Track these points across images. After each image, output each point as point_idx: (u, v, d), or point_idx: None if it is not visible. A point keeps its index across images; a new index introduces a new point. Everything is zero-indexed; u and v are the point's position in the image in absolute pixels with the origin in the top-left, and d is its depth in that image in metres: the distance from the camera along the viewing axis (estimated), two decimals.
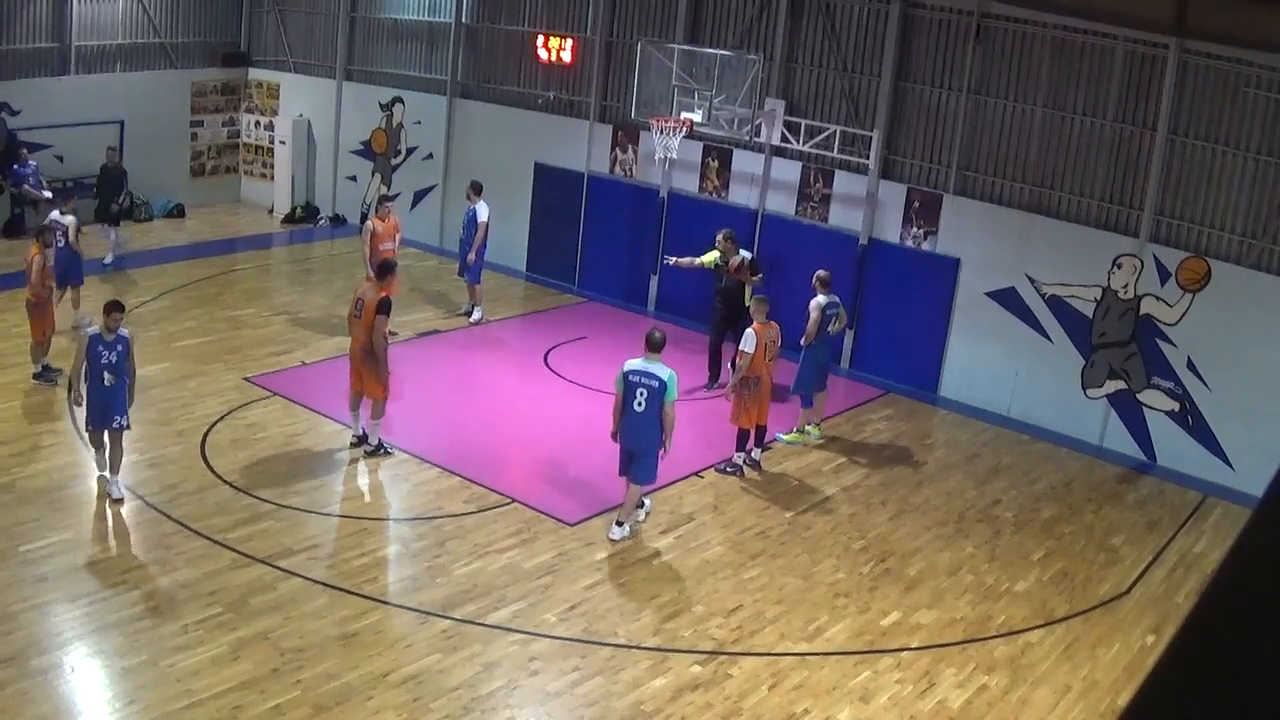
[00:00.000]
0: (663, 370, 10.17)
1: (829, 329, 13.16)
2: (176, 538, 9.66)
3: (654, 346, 10.27)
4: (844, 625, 9.41)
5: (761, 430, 12.31)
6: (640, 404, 10.11)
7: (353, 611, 8.85)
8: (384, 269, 12.01)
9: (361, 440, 11.80)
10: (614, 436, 10.41)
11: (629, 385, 10.15)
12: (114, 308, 10.42)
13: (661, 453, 10.31)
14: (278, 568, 9.35)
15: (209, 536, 9.72)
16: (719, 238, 14.62)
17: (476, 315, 16.59)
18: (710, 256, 14.61)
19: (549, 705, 8.00)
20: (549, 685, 8.20)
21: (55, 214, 15.51)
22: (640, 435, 10.21)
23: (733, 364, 12.49)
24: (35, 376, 12.88)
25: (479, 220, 16.26)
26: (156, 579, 9.01)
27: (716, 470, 11.99)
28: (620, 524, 10.48)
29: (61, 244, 15.12)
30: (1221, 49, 12.85)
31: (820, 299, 12.99)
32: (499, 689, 8.07)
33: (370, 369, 11.52)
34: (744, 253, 14.71)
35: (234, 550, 9.51)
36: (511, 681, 8.18)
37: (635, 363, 10.25)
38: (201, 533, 9.78)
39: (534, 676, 8.27)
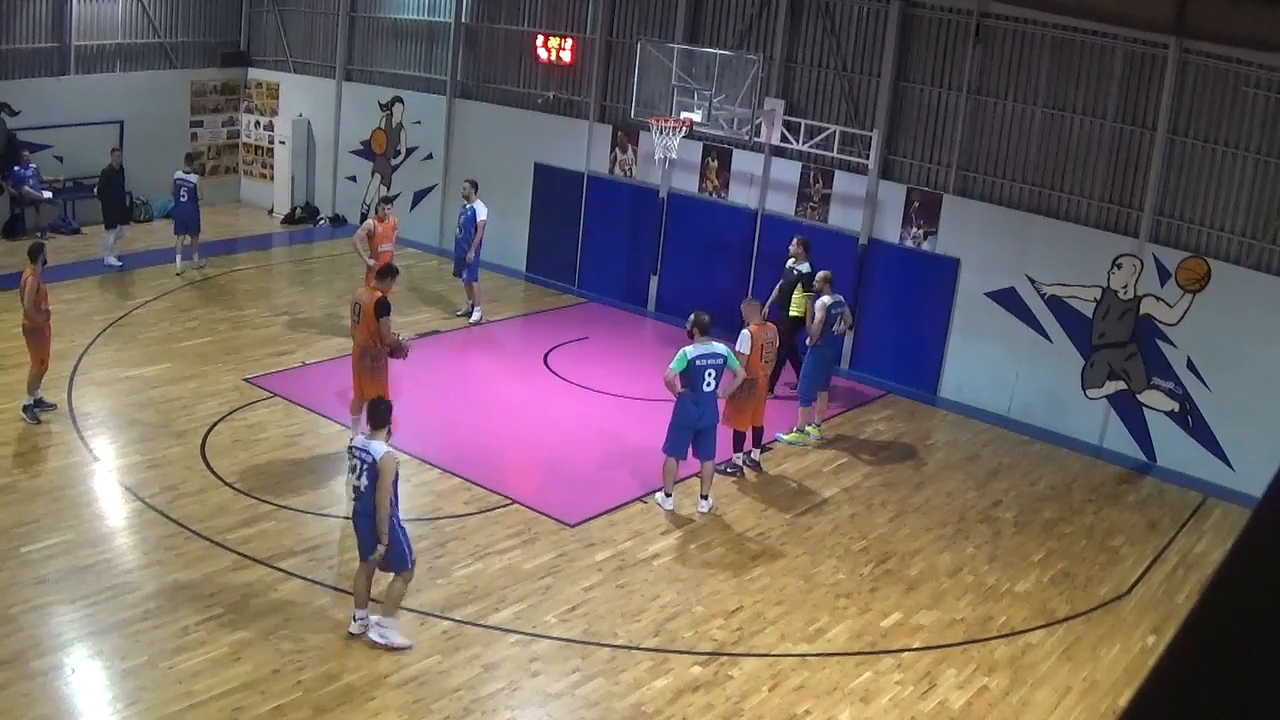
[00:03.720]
0: (720, 347, 10.96)
1: (834, 329, 13.16)
2: (177, 539, 9.66)
3: (705, 329, 10.95)
4: (845, 626, 9.41)
5: (759, 431, 12.30)
6: (709, 383, 10.82)
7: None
8: (384, 273, 11.77)
9: None
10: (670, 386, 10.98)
11: (697, 370, 10.72)
12: (387, 409, 8.45)
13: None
14: (278, 569, 9.35)
15: (209, 538, 9.72)
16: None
17: (476, 315, 16.58)
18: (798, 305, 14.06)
19: (549, 706, 8.00)
20: (549, 686, 8.20)
21: (180, 172, 17.52)
22: (711, 412, 10.99)
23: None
24: (25, 409, 11.74)
25: (478, 219, 16.26)
26: (157, 580, 9.00)
27: (717, 471, 11.98)
28: (705, 497, 11.21)
29: (186, 199, 17.34)
30: (1221, 49, 12.85)
31: (825, 299, 13.01)
32: (500, 690, 8.07)
33: (369, 373, 11.44)
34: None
35: (235, 551, 9.50)
36: (512, 683, 8.18)
37: (694, 348, 10.80)
38: (202, 534, 9.77)
39: (534, 678, 8.27)
